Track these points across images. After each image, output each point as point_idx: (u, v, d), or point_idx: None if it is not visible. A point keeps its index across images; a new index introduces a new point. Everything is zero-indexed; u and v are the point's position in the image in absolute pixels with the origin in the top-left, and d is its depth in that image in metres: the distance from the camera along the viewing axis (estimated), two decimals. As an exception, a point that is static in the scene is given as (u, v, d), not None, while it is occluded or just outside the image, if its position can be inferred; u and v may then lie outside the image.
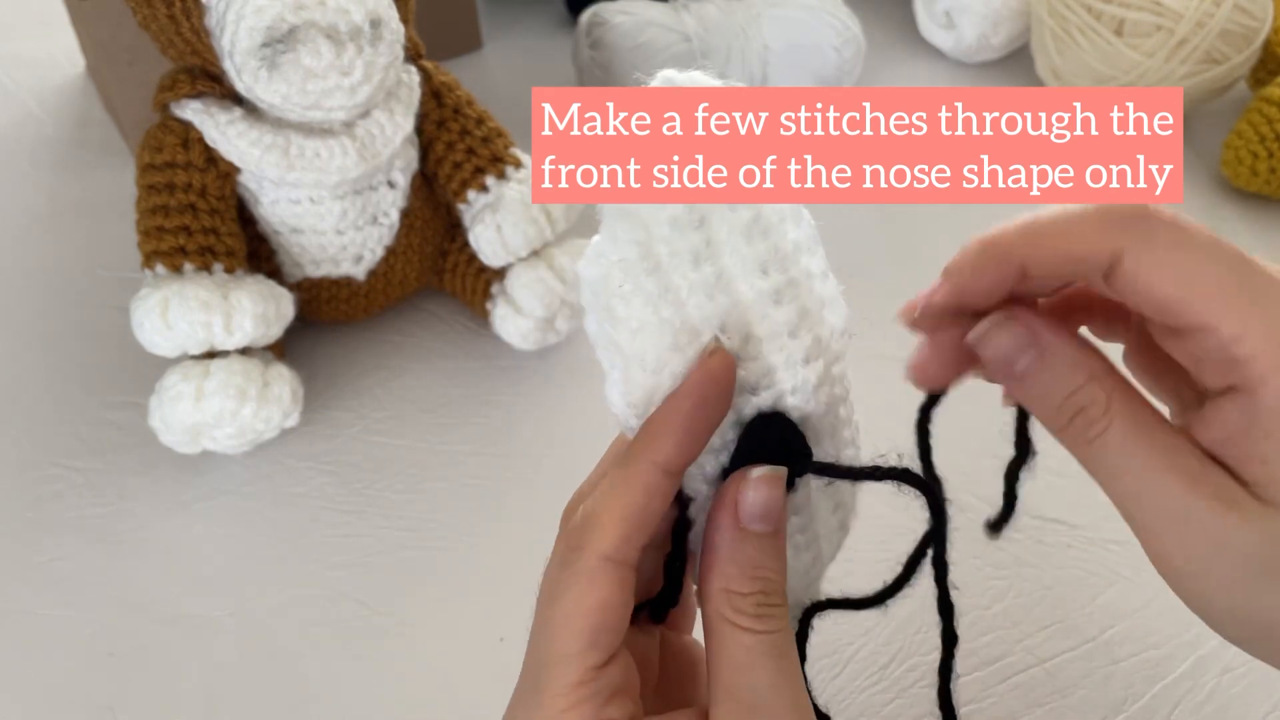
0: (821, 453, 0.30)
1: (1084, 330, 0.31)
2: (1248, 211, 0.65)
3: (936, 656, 0.43)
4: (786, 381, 0.28)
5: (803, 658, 0.33)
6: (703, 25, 0.68)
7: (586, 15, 0.70)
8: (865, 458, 0.31)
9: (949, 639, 0.32)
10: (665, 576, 0.30)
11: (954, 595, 0.46)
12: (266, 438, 0.50)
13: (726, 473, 0.29)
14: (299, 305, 0.53)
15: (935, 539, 0.30)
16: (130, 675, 0.43)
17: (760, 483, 0.28)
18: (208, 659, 0.43)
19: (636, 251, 0.27)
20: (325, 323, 0.57)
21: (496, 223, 0.52)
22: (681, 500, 0.29)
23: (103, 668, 0.43)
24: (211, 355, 0.48)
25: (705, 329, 0.27)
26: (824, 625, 0.32)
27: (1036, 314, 0.28)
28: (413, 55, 0.52)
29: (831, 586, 0.34)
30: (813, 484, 0.31)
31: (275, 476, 0.50)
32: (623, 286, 0.28)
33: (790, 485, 0.29)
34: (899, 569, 0.32)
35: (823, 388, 0.29)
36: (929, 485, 0.30)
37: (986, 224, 0.29)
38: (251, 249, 0.51)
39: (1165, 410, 0.29)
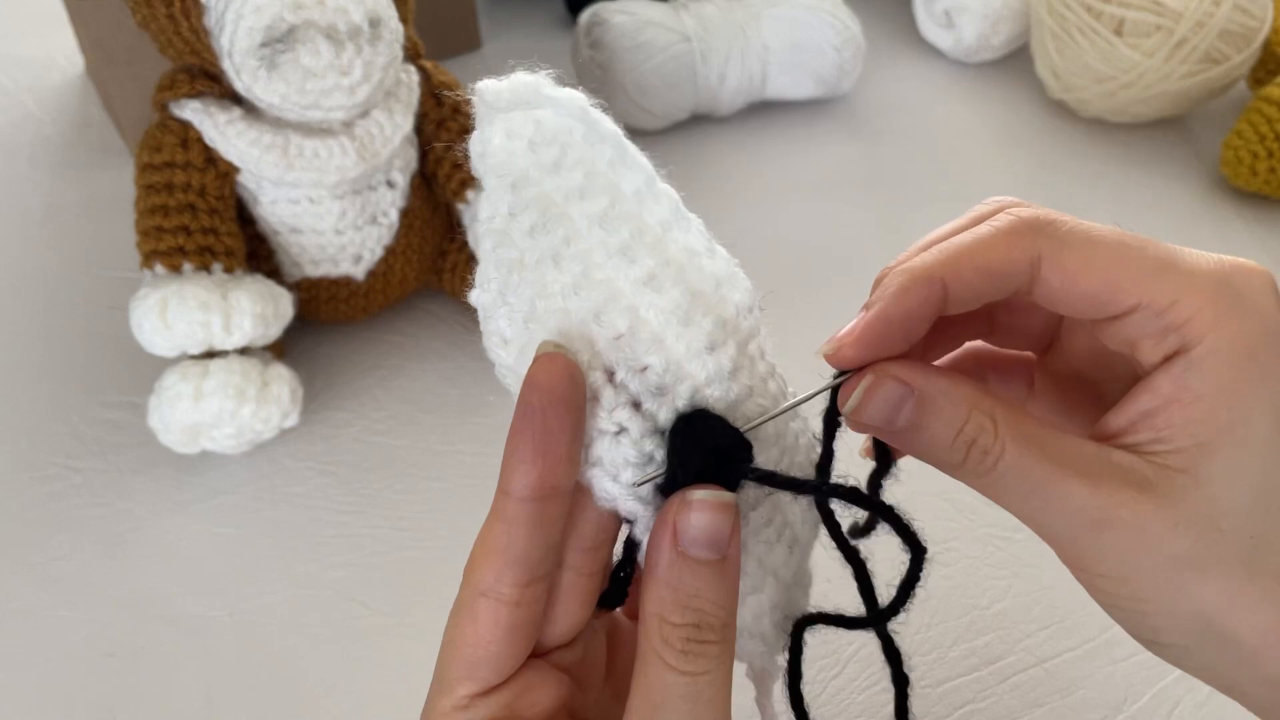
0: (761, 436, 0.27)
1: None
2: (1247, 211, 0.65)
3: (937, 656, 0.43)
4: (698, 373, 0.26)
5: (797, 674, 0.31)
6: (702, 25, 0.68)
7: (586, 15, 0.70)
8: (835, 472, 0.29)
9: (900, 681, 0.31)
10: (610, 581, 0.29)
11: (954, 595, 0.46)
12: (265, 438, 0.50)
13: (663, 489, 0.26)
14: (298, 305, 0.52)
15: (910, 570, 0.29)
16: (130, 675, 0.43)
17: (703, 506, 0.25)
18: (207, 659, 0.43)
19: (507, 270, 0.26)
20: (325, 323, 0.57)
21: (496, 222, 0.52)
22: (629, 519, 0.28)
23: (103, 668, 0.43)
24: (210, 355, 0.48)
25: (594, 330, 0.26)
26: (824, 626, 0.32)
27: (904, 361, 0.27)
28: (412, 55, 0.52)
29: (824, 599, 0.33)
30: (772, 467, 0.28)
31: (275, 476, 0.50)
32: (504, 306, 0.27)
33: (734, 486, 0.26)
34: (896, 577, 0.31)
35: (740, 372, 0.27)
36: (885, 507, 0.28)
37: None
38: (251, 249, 0.51)
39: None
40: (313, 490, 0.50)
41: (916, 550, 0.28)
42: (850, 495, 0.28)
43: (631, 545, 0.28)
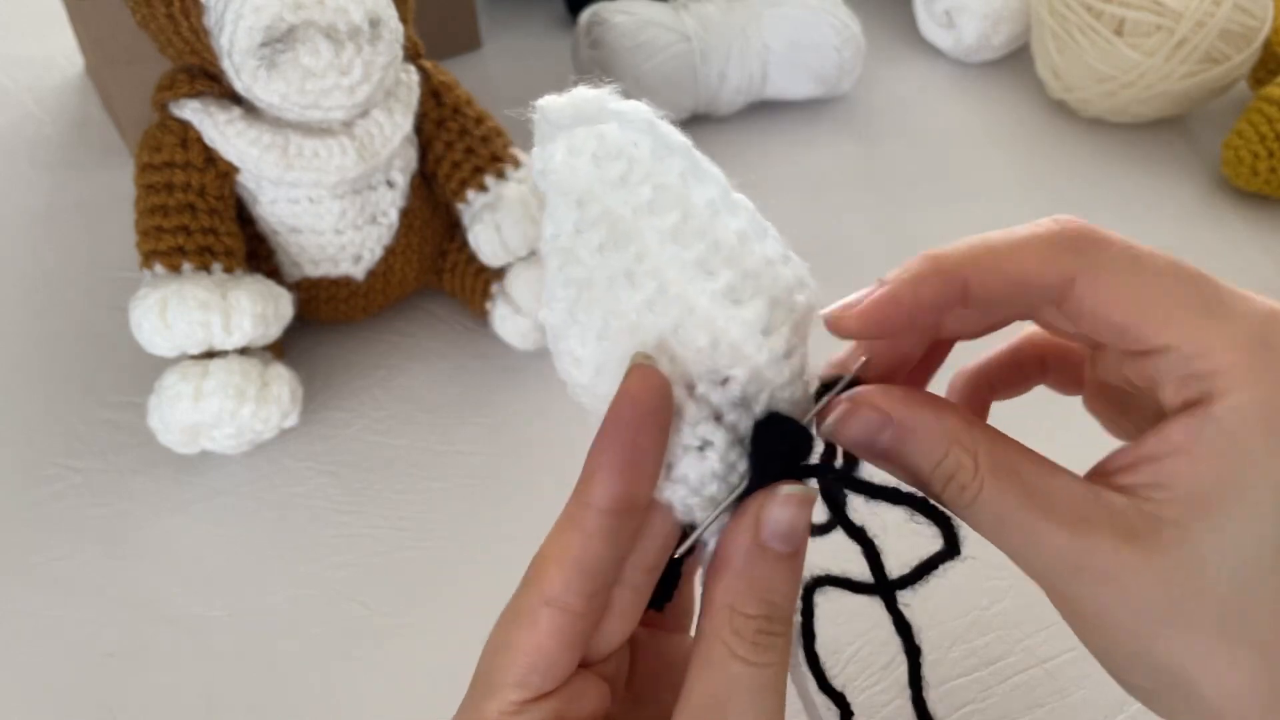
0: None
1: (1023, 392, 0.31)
2: (1248, 211, 0.65)
3: (937, 657, 0.43)
4: (776, 379, 0.26)
5: (811, 636, 0.32)
6: (702, 25, 0.68)
7: (586, 15, 0.70)
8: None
9: (912, 653, 0.31)
10: (659, 584, 0.29)
11: (954, 595, 0.46)
12: (265, 438, 0.49)
13: (741, 498, 0.27)
14: (298, 305, 0.52)
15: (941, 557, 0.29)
16: (130, 675, 0.43)
17: (789, 501, 0.26)
18: (207, 659, 0.43)
19: (576, 288, 0.26)
20: (325, 323, 0.57)
21: (496, 222, 0.52)
22: (687, 529, 0.28)
23: (102, 668, 0.43)
24: (210, 355, 0.48)
25: (673, 345, 0.26)
26: (824, 626, 0.32)
27: (887, 389, 0.27)
28: (412, 55, 0.52)
29: (829, 587, 0.33)
30: None
31: (274, 476, 0.50)
32: (575, 325, 0.26)
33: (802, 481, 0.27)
34: (897, 567, 0.31)
35: (802, 375, 0.27)
36: (945, 519, 0.28)
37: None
38: (250, 249, 0.51)
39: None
40: (313, 490, 0.50)
41: (952, 548, 0.28)
42: (914, 502, 0.28)
43: (679, 557, 0.28)
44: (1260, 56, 0.67)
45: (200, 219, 0.48)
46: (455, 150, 0.53)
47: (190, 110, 0.48)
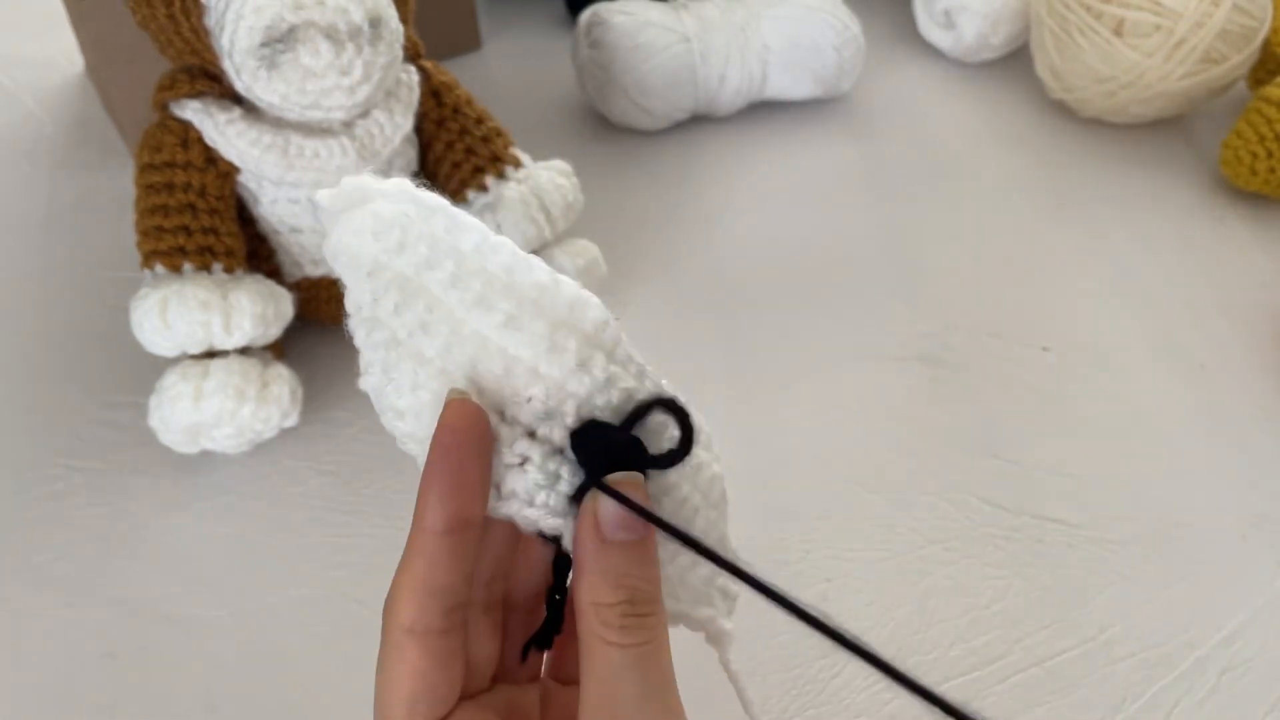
0: (653, 433, 0.29)
1: None
2: (1248, 211, 0.65)
3: (936, 656, 0.43)
4: (578, 389, 0.28)
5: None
6: (702, 25, 0.68)
7: (586, 15, 0.70)
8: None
9: None
10: (547, 609, 0.31)
11: (953, 594, 0.46)
12: (266, 438, 0.50)
13: (576, 498, 0.29)
14: (298, 305, 0.52)
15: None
16: (130, 675, 0.43)
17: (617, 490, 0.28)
18: (207, 659, 0.43)
19: (384, 349, 0.29)
20: (325, 323, 0.57)
21: (496, 223, 0.52)
22: (555, 539, 0.29)
23: (102, 668, 0.43)
24: (211, 355, 0.48)
25: (476, 378, 0.28)
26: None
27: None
28: (412, 55, 0.52)
29: (822, 599, 0.33)
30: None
31: (275, 476, 0.50)
32: (390, 383, 0.29)
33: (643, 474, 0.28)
34: (896, 565, 0.31)
35: (616, 379, 0.29)
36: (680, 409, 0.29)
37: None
38: (251, 249, 0.51)
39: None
40: (313, 490, 0.50)
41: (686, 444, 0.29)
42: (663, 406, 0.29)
43: (561, 567, 0.30)
44: (1259, 57, 0.67)
45: (201, 219, 0.48)
46: (455, 150, 0.53)
47: (191, 110, 0.48)
